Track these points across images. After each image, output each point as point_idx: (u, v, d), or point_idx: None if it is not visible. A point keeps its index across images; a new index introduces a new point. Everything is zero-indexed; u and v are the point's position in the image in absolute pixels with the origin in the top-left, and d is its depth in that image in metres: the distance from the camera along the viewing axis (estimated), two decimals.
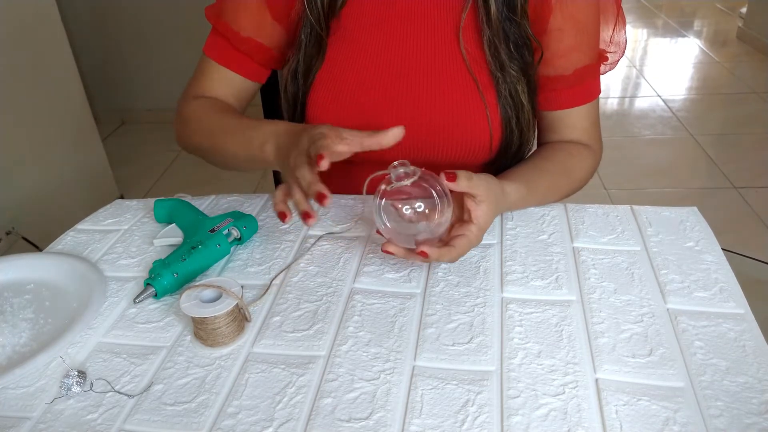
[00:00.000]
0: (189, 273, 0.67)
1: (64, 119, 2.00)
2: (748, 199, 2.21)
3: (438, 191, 0.62)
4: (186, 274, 0.66)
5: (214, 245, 0.69)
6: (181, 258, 0.66)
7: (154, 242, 0.75)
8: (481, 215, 0.64)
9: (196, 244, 0.68)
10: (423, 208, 0.62)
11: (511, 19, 0.74)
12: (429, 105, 0.77)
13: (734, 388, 0.52)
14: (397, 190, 0.62)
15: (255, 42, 0.81)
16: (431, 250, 0.62)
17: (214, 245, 0.69)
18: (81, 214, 0.84)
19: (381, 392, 0.53)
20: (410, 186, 0.61)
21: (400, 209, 0.63)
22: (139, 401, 0.53)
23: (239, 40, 0.81)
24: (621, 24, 0.81)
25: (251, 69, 0.84)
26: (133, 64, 3.01)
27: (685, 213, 0.76)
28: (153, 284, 0.65)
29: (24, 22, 1.78)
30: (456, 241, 0.63)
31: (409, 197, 0.63)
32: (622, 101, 3.20)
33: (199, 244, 0.68)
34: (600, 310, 0.61)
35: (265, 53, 0.83)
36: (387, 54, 0.78)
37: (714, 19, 4.51)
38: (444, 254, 0.63)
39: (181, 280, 0.66)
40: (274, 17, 0.80)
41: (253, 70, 0.84)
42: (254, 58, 0.83)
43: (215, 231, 0.71)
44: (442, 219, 0.63)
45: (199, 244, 0.68)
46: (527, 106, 0.78)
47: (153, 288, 0.65)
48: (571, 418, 0.50)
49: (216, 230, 0.71)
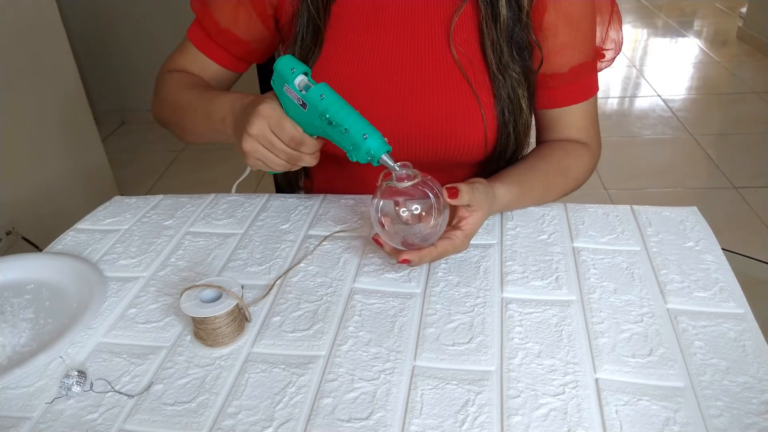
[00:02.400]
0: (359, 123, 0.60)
1: (64, 119, 2.00)
2: (748, 199, 2.21)
3: (437, 199, 0.62)
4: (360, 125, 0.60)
5: (319, 99, 0.61)
6: (342, 132, 0.61)
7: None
8: (471, 223, 0.65)
9: (322, 115, 0.61)
10: (419, 211, 0.62)
11: (516, 21, 0.74)
12: (421, 104, 0.77)
13: (734, 388, 0.52)
14: (395, 191, 0.62)
15: (232, 35, 0.83)
16: (412, 255, 0.63)
17: (320, 101, 0.61)
18: (81, 214, 0.84)
19: (381, 392, 0.53)
20: (411, 188, 0.61)
21: (398, 210, 0.63)
22: (139, 401, 0.53)
23: (217, 32, 0.83)
24: (616, 20, 0.81)
25: (227, 60, 0.86)
26: (133, 64, 3.01)
27: (685, 213, 0.76)
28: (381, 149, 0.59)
29: (24, 22, 1.78)
30: (440, 242, 0.64)
31: (407, 199, 0.63)
32: (622, 101, 3.20)
33: (324, 114, 0.61)
34: (600, 310, 0.61)
35: (241, 46, 0.84)
36: (380, 53, 0.78)
37: (714, 19, 4.51)
38: (425, 255, 0.63)
39: (371, 128, 0.60)
40: (256, 13, 0.81)
41: (230, 61, 0.86)
42: (230, 50, 0.85)
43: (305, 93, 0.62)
44: (437, 228, 0.63)
45: (326, 113, 0.61)
46: (526, 111, 0.78)
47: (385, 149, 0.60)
48: (571, 418, 0.50)
49: (302, 97, 0.62)
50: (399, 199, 0.62)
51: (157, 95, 0.86)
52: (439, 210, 0.62)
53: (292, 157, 0.67)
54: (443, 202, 0.62)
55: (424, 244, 0.63)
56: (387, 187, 0.62)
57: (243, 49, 0.85)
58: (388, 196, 0.63)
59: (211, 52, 0.85)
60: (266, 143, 0.66)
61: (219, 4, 0.81)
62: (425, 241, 0.63)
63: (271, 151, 0.67)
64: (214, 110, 0.74)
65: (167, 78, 0.85)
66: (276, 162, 0.68)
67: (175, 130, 0.86)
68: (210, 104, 0.76)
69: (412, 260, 0.63)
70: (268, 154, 0.67)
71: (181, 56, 0.87)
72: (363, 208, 0.80)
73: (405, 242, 0.63)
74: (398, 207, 0.63)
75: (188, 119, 0.80)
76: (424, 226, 0.62)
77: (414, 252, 0.63)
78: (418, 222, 0.62)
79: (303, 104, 0.63)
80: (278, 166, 0.68)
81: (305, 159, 0.68)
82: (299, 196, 0.85)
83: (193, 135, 0.83)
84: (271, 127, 0.65)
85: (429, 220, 0.62)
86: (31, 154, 1.85)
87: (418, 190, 0.62)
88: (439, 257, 0.65)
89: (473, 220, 0.65)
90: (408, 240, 0.63)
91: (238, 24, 0.82)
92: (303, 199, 0.84)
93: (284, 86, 0.64)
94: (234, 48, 0.84)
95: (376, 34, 0.78)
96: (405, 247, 0.64)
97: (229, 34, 0.82)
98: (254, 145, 0.66)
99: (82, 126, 2.11)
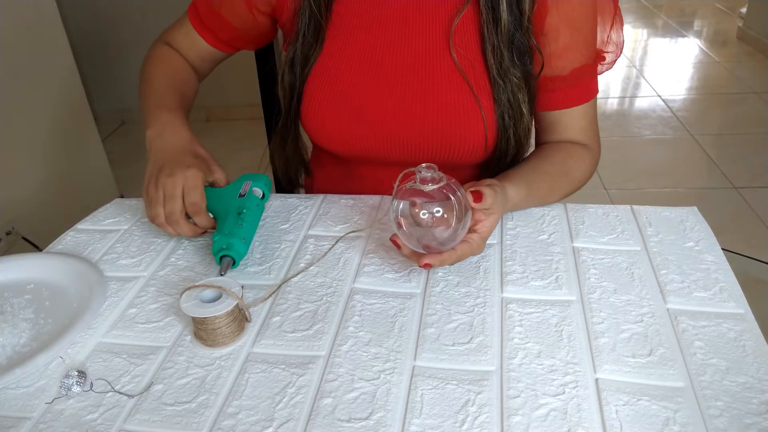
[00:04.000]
0: (251, 236, 0.70)
1: (64, 119, 2.00)
2: (748, 199, 2.21)
3: (459, 203, 0.61)
4: (249, 238, 0.70)
5: (254, 206, 0.72)
6: (238, 225, 0.69)
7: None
8: (487, 226, 0.65)
9: (240, 210, 0.70)
10: (441, 214, 0.61)
11: (517, 26, 0.74)
12: (421, 102, 0.77)
13: (734, 388, 0.52)
14: (418, 192, 0.61)
15: (223, 19, 0.84)
16: (433, 259, 0.62)
17: (254, 206, 0.72)
18: (81, 214, 0.84)
19: (381, 392, 0.53)
20: (434, 191, 0.60)
21: (419, 213, 0.62)
22: (139, 401, 0.53)
23: (209, 13, 0.85)
24: (618, 23, 0.81)
25: (216, 41, 0.88)
26: (133, 64, 2.99)
27: (685, 213, 0.76)
28: (229, 254, 0.66)
29: (24, 22, 1.78)
30: (459, 246, 0.63)
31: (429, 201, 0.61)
32: (622, 101, 3.20)
33: (242, 209, 0.71)
34: (600, 310, 0.61)
35: (229, 32, 0.86)
36: (381, 51, 0.78)
37: (714, 19, 4.51)
38: (446, 259, 0.63)
39: (248, 243, 0.69)
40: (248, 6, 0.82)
41: (218, 42, 0.89)
42: (218, 34, 0.87)
43: (244, 195, 0.73)
44: (458, 231, 0.62)
45: (243, 209, 0.71)
46: (527, 115, 0.78)
47: (230, 257, 0.66)
48: (571, 418, 0.50)
49: (244, 194, 0.73)
50: (421, 201, 0.61)
51: (145, 61, 0.90)
52: (461, 214, 0.61)
53: (172, 216, 0.70)
54: (465, 206, 0.61)
55: (444, 248, 0.62)
56: (410, 188, 0.61)
57: (229, 34, 0.87)
58: (409, 197, 0.62)
59: (202, 30, 0.87)
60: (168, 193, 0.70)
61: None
62: (445, 245, 0.62)
63: (166, 201, 0.70)
64: (149, 118, 0.80)
65: (158, 51, 0.90)
66: (156, 210, 0.71)
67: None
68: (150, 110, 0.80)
69: (433, 264, 0.62)
70: (160, 201, 0.71)
71: (177, 30, 0.89)
72: (363, 208, 0.80)
73: (424, 245, 0.63)
74: (420, 209, 0.61)
75: (141, 99, 0.84)
76: (446, 230, 0.62)
77: (435, 256, 0.62)
78: (440, 225, 0.61)
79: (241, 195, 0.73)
80: (155, 216, 0.71)
81: (183, 227, 0.71)
82: (299, 196, 0.85)
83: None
84: (185, 186, 0.70)
85: (451, 223, 0.61)
86: (31, 154, 1.84)
87: (441, 192, 0.61)
88: (458, 260, 0.64)
89: (489, 223, 0.65)
90: (428, 243, 0.62)
91: (230, 10, 0.83)
92: (303, 199, 0.84)
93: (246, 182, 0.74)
94: (221, 32, 0.86)
95: (378, 32, 0.78)
96: (424, 250, 0.63)
97: (218, 18, 0.84)
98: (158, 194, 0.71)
99: (82, 126, 2.11)
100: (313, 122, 0.81)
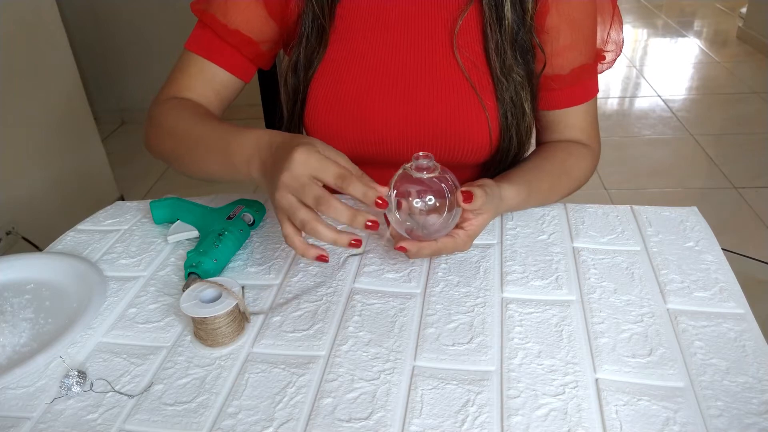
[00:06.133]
0: (225, 258, 0.69)
1: (64, 119, 2.00)
2: (748, 199, 2.21)
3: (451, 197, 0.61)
4: (223, 260, 0.69)
5: (238, 230, 0.72)
6: (214, 245, 0.68)
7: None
8: (475, 225, 0.65)
9: (222, 231, 0.70)
10: (431, 205, 0.61)
11: (521, 25, 0.74)
12: (425, 105, 0.77)
13: (734, 388, 0.52)
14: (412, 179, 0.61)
15: (243, 35, 0.78)
16: (410, 244, 0.62)
17: (237, 230, 0.72)
18: (81, 214, 0.84)
19: (381, 392, 0.53)
20: (428, 181, 0.60)
21: (410, 200, 0.61)
22: (139, 401, 0.53)
23: (227, 32, 0.78)
24: (617, 23, 0.81)
25: (237, 63, 0.80)
26: (133, 64, 3.01)
27: (685, 213, 0.76)
28: (197, 272, 0.66)
29: (24, 22, 1.78)
30: (441, 238, 0.63)
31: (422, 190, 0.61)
32: (622, 101, 3.20)
33: (224, 231, 0.70)
34: (600, 310, 0.61)
35: (252, 47, 0.80)
36: (384, 53, 0.78)
37: (714, 19, 4.51)
38: (424, 248, 0.63)
39: (219, 265, 0.68)
40: (269, 12, 0.79)
41: (239, 64, 0.80)
42: (242, 51, 0.79)
43: (232, 218, 0.73)
44: (446, 225, 0.62)
45: (225, 231, 0.70)
46: (529, 114, 0.78)
47: (197, 275, 0.66)
48: (571, 418, 0.50)
49: (233, 217, 0.73)
50: (414, 188, 0.61)
51: (154, 125, 0.79)
52: (450, 208, 0.61)
53: (320, 199, 0.56)
54: (456, 202, 0.61)
55: (430, 238, 0.63)
56: (404, 174, 0.61)
57: (254, 50, 0.80)
58: (403, 183, 0.61)
59: (219, 55, 0.79)
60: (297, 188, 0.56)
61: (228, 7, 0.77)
62: (431, 236, 0.63)
63: (301, 198, 0.56)
64: (234, 148, 0.64)
65: (166, 107, 0.77)
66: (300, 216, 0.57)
67: (175, 164, 0.77)
68: (228, 139, 0.66)
69: (410, 250, 0.63)
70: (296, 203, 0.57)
71: (181, 76, 0.80)
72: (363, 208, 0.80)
73: (410, 232, 0.63)
74: (411, 197, 0.61)
75: (198, 154, 0.71)
76: (433, 221, 0.62)
77: (413, 242, 0.62)
78: (427, 215, 0.62)
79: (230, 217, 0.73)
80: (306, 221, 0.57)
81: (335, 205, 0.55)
82: None
83: (200, 171, 0.73)
84: (311, 172, 0.56)
85: (439, 216, 0.61)
86: (31, 154, 1.85)
87: (435, 183, 0.61)
88: (438, 253, 0.65)
89: (477, 222, 0.65)
90: (414, 231, 0.63)
91: (250, 25, 0.78)
92: None
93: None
94: (245, 48, 0.79)
95: (381, 35, 0.78)
96: (408, 235, 0.63)
97: (240, 35, 0.78)
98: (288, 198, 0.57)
99: (82, 126, 2.11)
100: (318, 125, 0.80)
